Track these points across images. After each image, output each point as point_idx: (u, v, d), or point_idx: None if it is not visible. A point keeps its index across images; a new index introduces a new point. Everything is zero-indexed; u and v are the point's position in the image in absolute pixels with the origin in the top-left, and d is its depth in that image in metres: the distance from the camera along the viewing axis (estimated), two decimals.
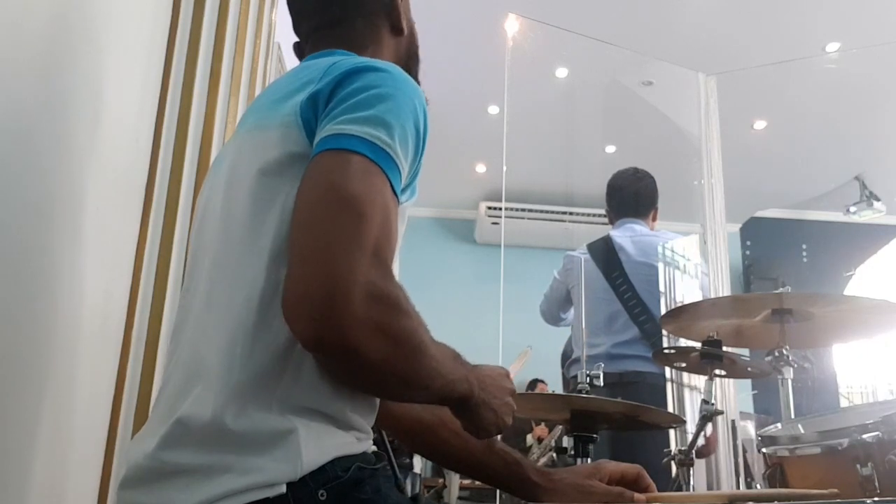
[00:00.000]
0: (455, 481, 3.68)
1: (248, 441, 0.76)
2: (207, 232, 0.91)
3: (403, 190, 0.87)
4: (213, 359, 0.80)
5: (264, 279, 0.80)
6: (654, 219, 2.70)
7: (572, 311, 2.86)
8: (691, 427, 1.82)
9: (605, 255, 2.59)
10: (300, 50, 1.10)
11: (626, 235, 2.60)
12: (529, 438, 5.31)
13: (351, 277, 0.72)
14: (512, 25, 3.30)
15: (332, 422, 0.81)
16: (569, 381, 2.45)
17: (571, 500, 1.06)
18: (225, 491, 0.73)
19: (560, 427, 1.20)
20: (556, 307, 2.81)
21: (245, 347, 0.78)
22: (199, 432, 0.77)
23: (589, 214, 5.98)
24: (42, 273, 1.09)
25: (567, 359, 2.75)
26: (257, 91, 2.01)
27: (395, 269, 0.82)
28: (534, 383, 5.53)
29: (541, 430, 5.04)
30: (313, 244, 0.74)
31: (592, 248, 2.65)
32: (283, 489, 0.74)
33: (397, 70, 0.89)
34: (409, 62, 1.11)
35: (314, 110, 0.85)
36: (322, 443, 0.78)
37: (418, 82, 1.12)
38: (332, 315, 0.71)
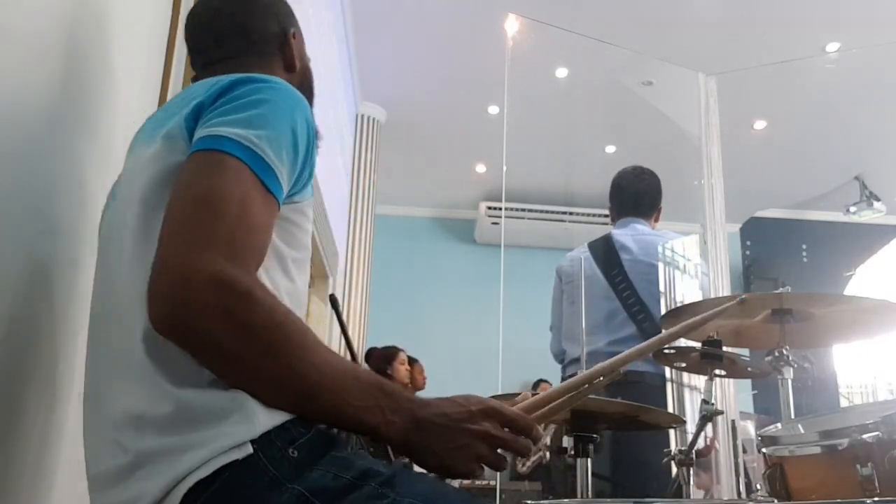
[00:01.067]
0: (453, 484, 3.68)
1: (202, 415, 0.78)
2: (111, 252, 0.94)
3: (300, 191, 0.93)
4: (133, 355, 0.82)
5: None
6: (656, 219, 2.70)
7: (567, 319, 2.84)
8: (691, 427, 1.82)
9: (606, 253, 2.58)
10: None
11: (629, 234, 2.60)
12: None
13: (198, 266, 0.75)
14: (512, 25, 3.30)
15: None
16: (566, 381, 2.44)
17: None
18: (192, 465, 0.75)
19: (552, 427, 1.19)
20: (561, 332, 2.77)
21: (156, 340, 0.80)
22: (153, 416, 0.79)
23: (589, 214, 5.99)
24: (43, 273, 1.10)
25: (558, 358, 2.74)
26: None
27: (415, 270, 0.83)
28: (537, 383, 5.53)
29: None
30: (167, 237, 0.79)
31: (593, 246, 2.65)
32: (250, 448, 0.77)
33: (281, 83, 0.93)
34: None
35: (197, 120, 0.89)
36: (275, 406, 0.80)
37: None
38: (175, 298, 0.75)
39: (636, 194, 2.68)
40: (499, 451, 0.85)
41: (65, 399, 1.18)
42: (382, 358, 4.37)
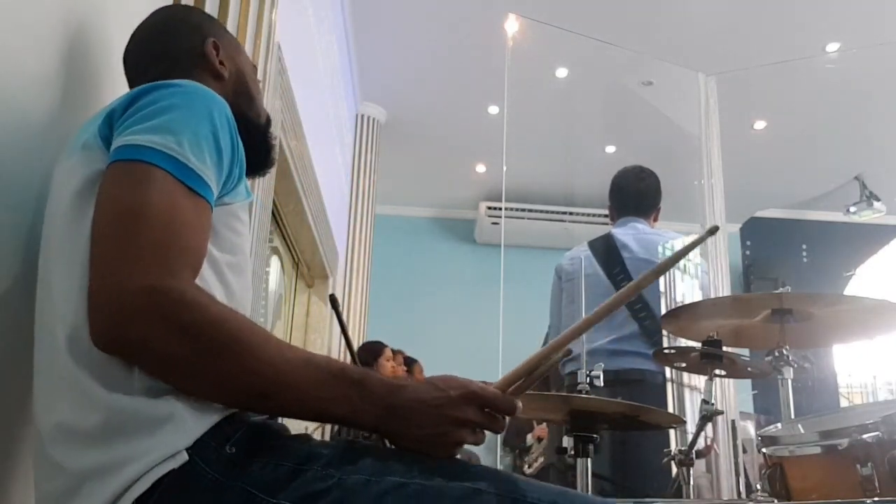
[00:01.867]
0: None
1: (132, 427, 0.77)
2: (41, 267, 0.94)
3: (230, 192, 0.92)
4: (62, 365, 0.82)
5: (79, 290, 0.82)
6: (655, 219, 2.70)
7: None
8: (691, 427, 1.82)
9: (607, 252, 2.59)
10: None
11: (629, 233, 2.60)
12: (529, 438, 5.31)
13: (127, 279, 0.76)
14: (512, 25, 3.30)
15: None
16: (563, 378, 2.44)
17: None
18: (128, 481, 0.75)
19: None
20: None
21: (84, 348, 0.80)
22: (82, 428, 0.79)
23: (589, 214, 5.99)
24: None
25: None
26: None
27: (406, 270, 0.82)
28: None
29: (541, 430, 5.04)
30: (96, 257, 0.79)
31: (593, 245, 2.65)
32: (185, 456, 0.76)
33: (192, 85, 0.92)
34: (239, 100, 1.15)
35: (109, 127, 0.89)
36: (204, 406, 0.80)
37: (259, 119, 1.19)
38: (112, 314, 0.76)
39: (637, 194, 2.68)
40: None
41: None
42: (369, 352, 4.31)
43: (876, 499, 1.21)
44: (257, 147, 1.16)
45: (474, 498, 0.77)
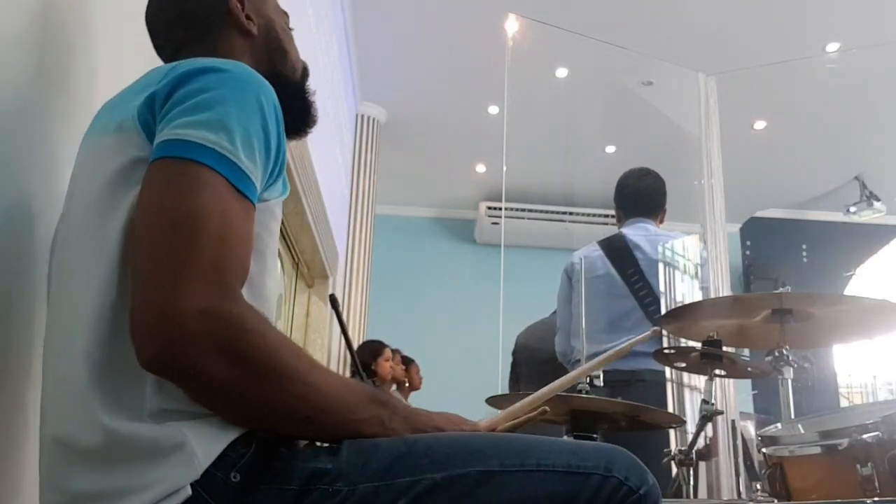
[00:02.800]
0: None
1: (137, 451, 0.74)
2: (63, 256, 0.89)
3: (268, 188, 0.86)
4: (73, 377, 0.78)
5: (115, 291, 0.78)
6: (661, 220, 2.71)
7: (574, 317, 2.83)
8: (691, 427, 1.82)
9: (620, 252, 2.59)
10: None
11: (641, 234, 2.61)
12: None
13: (183, 300, 0.71)
14: (512, 25, 3.30)
15: (216, 419, 0.78)
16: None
17: None
18: None
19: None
20: (571, 337, 2.77)
21: (100, 362, 0.77)
22: (81, 446, 0.76)
23: (589, 214, 5.99)
24: (42, 273, 1.09)
25: (564, 357, 2.74)
26: None
27: (404, 270, 0.82)
28: None
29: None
30: (146, 268, 0.73)
31: (604, 245, 2.65)
32: (189, 491, 0.72)
33: (240, 68, 0.86)
34: (272, 57, 1.09)
35: (151, 112, 0.82)
36: (214, 435, 0.76)
37: (295, 74, 1.12)
38: (165, 338, 0.71)
39: (645, 195, 2.69)
40: None
41: None
42: (369, 352, 4.31)
43: (876, 499, 1.21)
44: (295, 105, 1.09)
45: (488, 482, 0.76)
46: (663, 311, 2.34)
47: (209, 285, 0.72)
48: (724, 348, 1.70)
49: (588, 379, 1.70)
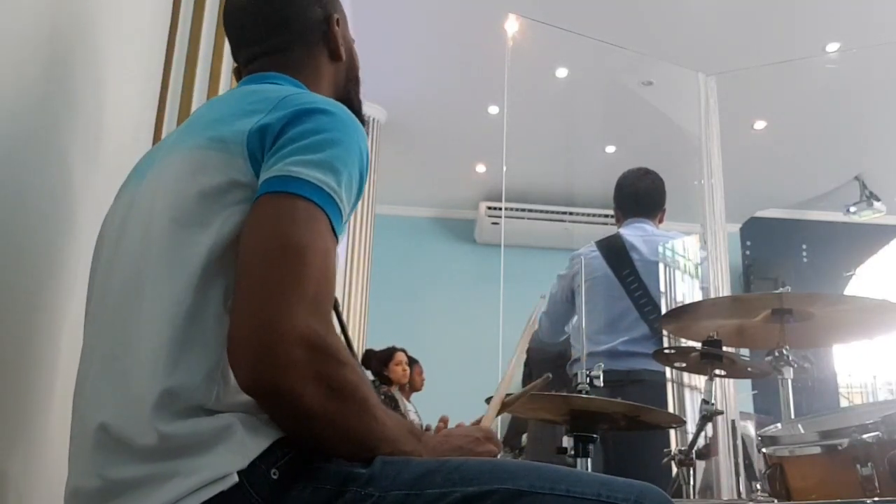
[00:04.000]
0: None
1: (187, 445, 0.76)
2: (124, 246, 0.90)
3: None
4: (135, 376, 0.79)
5: (191, 297, 0.80)
6: (660, 220, 2.71)
7: (571, 323, 2.84)
8: (691, 427, 1.82)
9: (616, 252, 2.58)
10: (238, 74, 1.10)
11: (638, 234, 2.60)
12: (524, 439, 5.30)
13: (289, 325, 0.74)
14: (512, 25, 3.30)
15: (265, 417, 0.80)
16: (570, 380, 2.44)
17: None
18: (175, 496, 0.73)
19: (548, 375, 1.24)
20: (560, 322, 2.79)
21: (169, 362, 0.78)
22: (133, 444, 0.77)
23: (589, 214, 5.99)
24: (42, 273, 1.10)
25: (547, 345, 2.75)
26: None
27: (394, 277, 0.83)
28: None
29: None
30: (254, 291, 0.76)
31: (601, 245, 2.65)
32: (236, 478, 0.75)
33: (346, 113, 0.91)
34: (349, 86, 1.15)
35: (261, 143, 0.85)
36: (261, 430, 0.78)
37: (359, 103, 1.18)
38: (268, 360, 0.74)
39: (643, 195, 2.69)
40: None
41: (68, 400, 1.18)
42: (380, 360, 4.36)
43: (876, 499, 1.21)
44: None
45: (516, 500, 0.77)
46: (663, 311, 2.34)
47: (312, 315, 0.76)
48: (724, 348, 1.70)
49: (588, 379, 1.70)
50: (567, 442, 1.63)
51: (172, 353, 0.78)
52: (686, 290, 2.53)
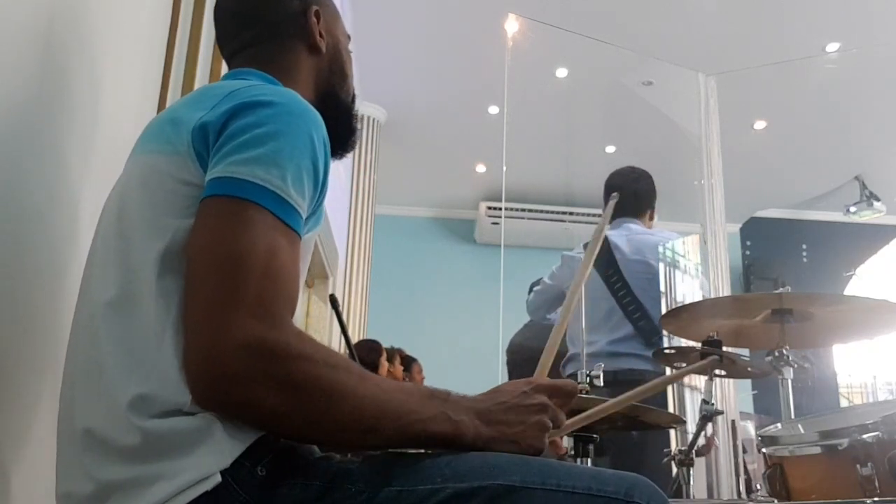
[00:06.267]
0: None
1: (169, 446, 0.75)
2: (101, 248, 0.90)
3: (305, 221, 0.87)
4: (113, 378, 0.79)
5: (153, 304, 0.80)
6: (650, 218, 2.70)
7: (556, 312, 2.85)
8: (691, 427, 1.82)
9: (601, 253, 2.58)
10: None
11: (623, 234, 2.60)
12: None
13: (227, 336, 0.73)
14: (512, 25, 3.30)
15: None
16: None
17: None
18: (160, 498, 0.73)
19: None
20: (544, 306, 2.81)
21: (142, 368, 0.78)
22: (118, 444, 0.77)
23: (589, 214, 5.99)
24: (41, 274, 1.10)
25: (534, 315, 2.76)
26: None
27: (394, 274, 0.82)
28: None
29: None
30: (193, 309, 0.76)
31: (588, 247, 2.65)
32: (219, 478, 0.74)
33: (293, 103, 0.87)
34: (332, 79, 1.10)
35: (205, 141, 0.84)
36: (242, 428, 0.77)
37: (347, 96, 1.13)
38: (214, 375, 0.74)
39: (630, 194, 2.68)
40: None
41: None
42: (372, 350, 4.27)
43: (876, 499, 1.21)
44: (342, 128, 1.11)
45: (508, 496, 0.76)
46: (663, 311, 2.35)
47: (252, 317, 0.74)
48: (724, 348, 1.70)
49: (588, 379, 1.70)
50: (567, 442, 1.63)
51: (147, 359, 0.78)
52: (686, 290, 2.53)
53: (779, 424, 1.65)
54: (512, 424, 0.85)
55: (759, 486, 1.60)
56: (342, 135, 1.11)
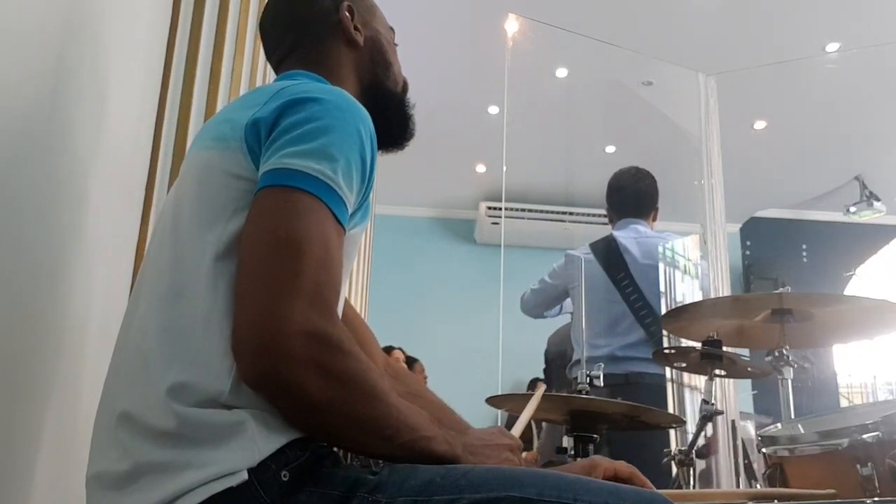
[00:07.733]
0: None
1: (202, 435, 0.77)
2: (156, 245, 0.93)
3: (352, 216, 0.90)
4: (156, 361, 0.82)
5: (204, 296, 0.82)
6: (654, 219, 2.70)
7: (555, 309, 2.85)
8: (691, 427, 1.83)
9: (609, 255, 2.58)
10: None
11: (631, 236, 2.59)
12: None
13: (287, 319, 0.75)
14: (512, 25, 3.30)
15: (280, 417, 0.81)
16: (571, 382, 2.45)
17: None
18: (186, 486, 0.75)
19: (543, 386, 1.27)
20: (543, 305, 2.80)
21: (186, 358, 0.80)
22: (154, 428, 0.79)
23: (589, 214, 5.98)
24: (43, 273, 1.10)
25: (567, 360, 2.74)
26: None
27: (397, 275, 0.83)
28: (533, 382, 5.53)
29: (531, 455, 4.99)
30: (253, 287, 0.78)
31: (595, 248, 2.64)
32: (245, 475, 0.75)
33: (341, 99, 0.91)
34: (376, 70, 1.15)
35: (257, 136, 0.87)
36: (274, 430, 0.79)
37: (396, 85, 1.18)
38: (268, 353, 0.75)
39: (635, 195, 2.68)
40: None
41: (70, 399, 1.18)
42: None
43: (876, 499, 1.21)
44: (395, 119, 1.15)
45: None
46: (663, 311, 2.35)
47: (311, 307, 0.77)
48: (724, 348, 1.70)
49: (588, 379, 1.70)
50: (567, 442, 1.63)
51: (191, 347, 0.81)
52: (686, 290, 2.53)
53: (779, 424, 1.65)
54: (490, 458, 0.91)
55: (758, 487, 1.60)
56: (397, 124, 1.16)
